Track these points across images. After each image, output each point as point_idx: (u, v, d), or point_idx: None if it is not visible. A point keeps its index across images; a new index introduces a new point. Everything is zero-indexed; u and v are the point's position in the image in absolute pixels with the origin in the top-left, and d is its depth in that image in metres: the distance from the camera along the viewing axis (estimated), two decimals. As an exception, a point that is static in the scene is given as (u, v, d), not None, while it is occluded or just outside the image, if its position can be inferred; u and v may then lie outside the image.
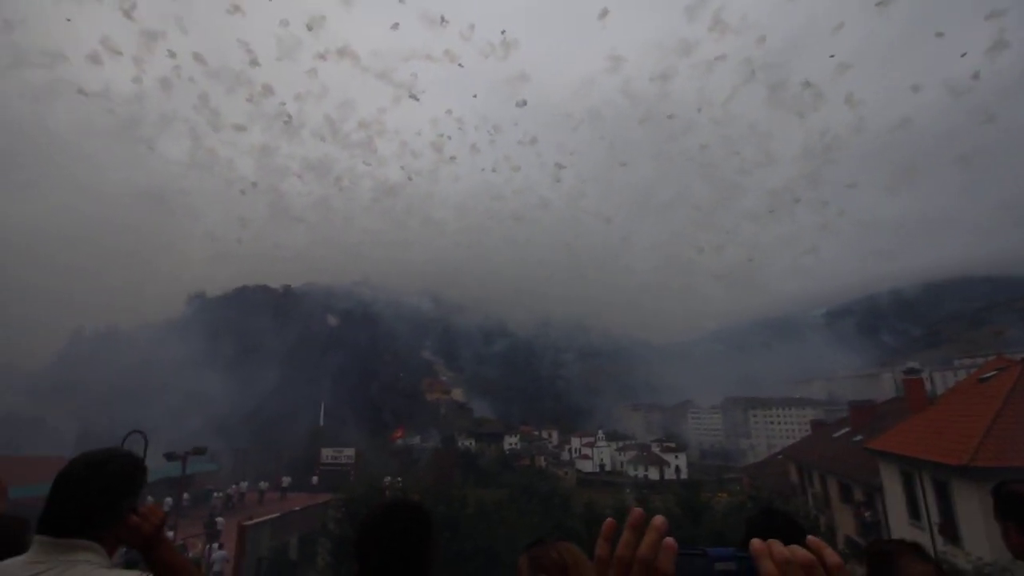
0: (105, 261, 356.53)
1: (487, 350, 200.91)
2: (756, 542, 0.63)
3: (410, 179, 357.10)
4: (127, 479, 1.57)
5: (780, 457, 35.89)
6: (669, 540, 0.63)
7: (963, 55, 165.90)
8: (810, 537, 0.64)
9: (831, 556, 0.60)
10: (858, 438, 25.20)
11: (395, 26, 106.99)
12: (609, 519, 0.69)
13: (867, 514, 21.51)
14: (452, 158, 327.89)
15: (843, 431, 29.00)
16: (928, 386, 24.02)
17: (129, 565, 1.64)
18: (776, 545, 0.61)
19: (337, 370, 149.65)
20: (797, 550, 0.60)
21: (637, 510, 0.66)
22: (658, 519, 0.64)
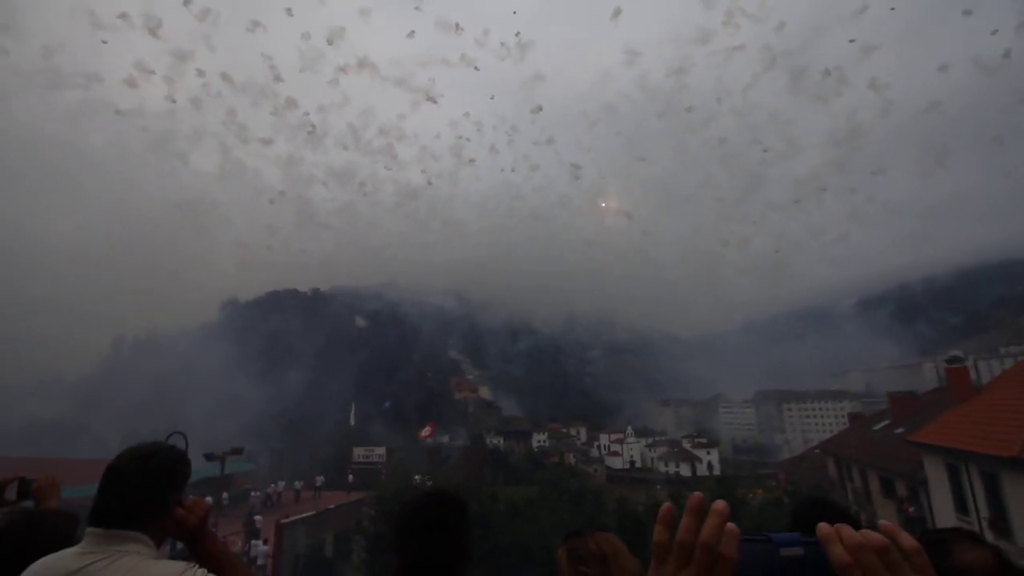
0: (143, 271, 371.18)
1: (513, 348, 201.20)
2: (824, 526, 0.60)
3: (430, 183, 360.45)
4: (172, 472, 1.63)
5: (817, 451, 34.96)
6: (731, 526, 0.61)
7: (993, 32, 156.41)
8: (882, 522, 0.61)
9: (907, 540, 0.57)
10: (900, 430, 24.31)
11: (411, 34, 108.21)
12: (667, 504, 0.67)
13: (911, 509, 20.74)
14: (471, 161, 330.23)
15: (883, 424, 28.02)
16: (973, 375, 22.93)
17: (176, 558, 1.68)
18: (846, 529, 0.59)
19: (366, 370, 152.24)
20: (870, 534, 0.58)
21: (696, 494, 0.64)
22: (719, 503, 0.62)
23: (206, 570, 1.55)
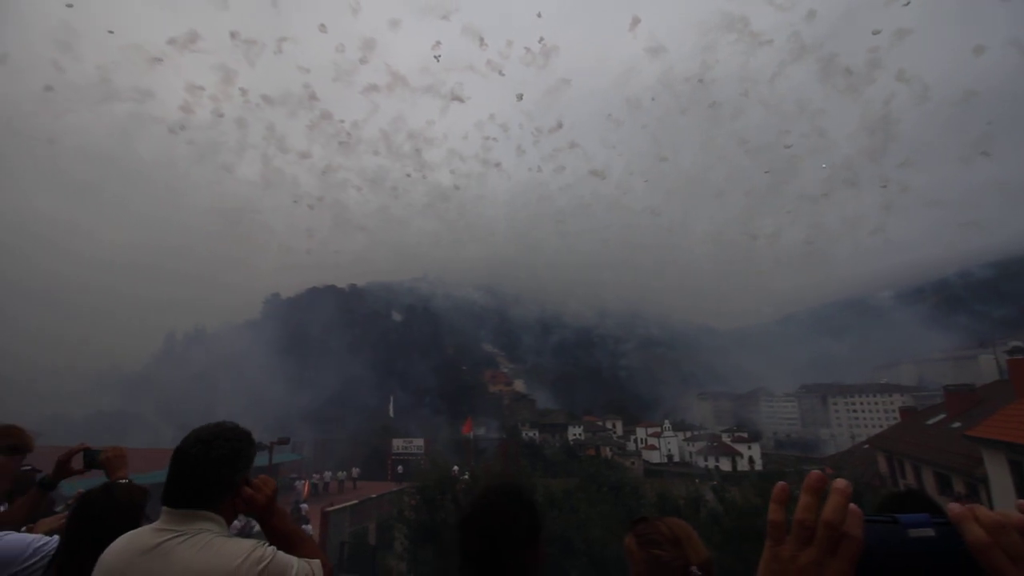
0: (191, 277, 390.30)
1: (546, 342, 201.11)
2: (955, 506, 0.58)
3: (456, 188, 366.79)
4: (237, 453, 1.71)
5: (866, 446, 33.72)
6: (853, 506, 0.59)
7: None
8: (1020, 501, 0.59)
9: None
10: (956, 425, 23.20)
11: (437, 47, 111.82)
12: (781, 483, 0.65)
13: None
14: (497, 165, 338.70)
15: (938, 418, 26.81)
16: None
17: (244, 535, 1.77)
18: (980, 508, 0.56)
19: (402, 363, 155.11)
20: (1010, 512, 0.55)
21: (815, 472, 0.61)
22: (841, 482, 0.60)
23: (275, 547, 1.64)
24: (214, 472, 1.63)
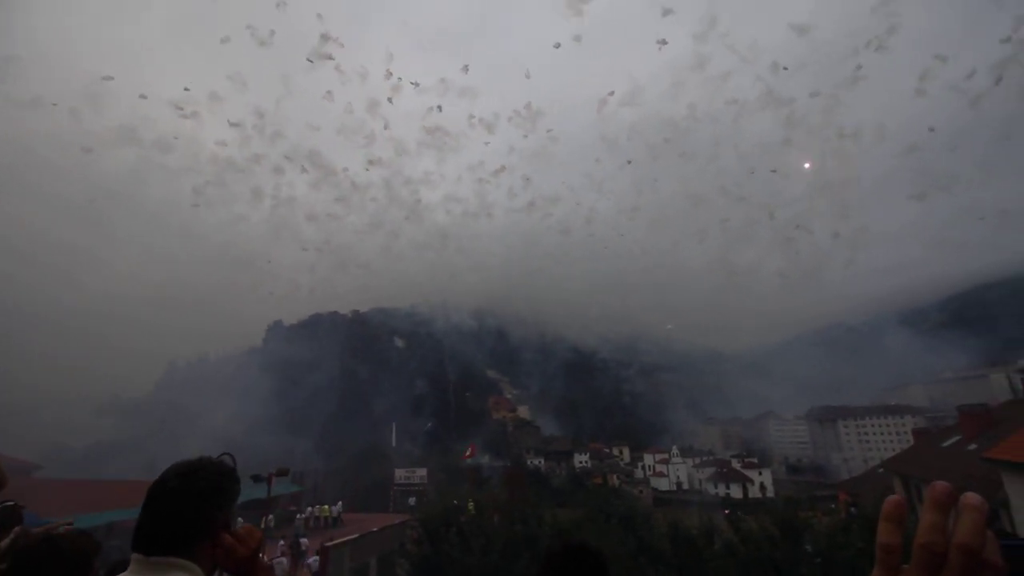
0: (194, 310, 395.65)
1: (549, 367, 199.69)
2: None
3: (446, 237, 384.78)
4: (219, 490, 1.46)
5: (881, 470, 32.86)
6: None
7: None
8: None
9: None
10: (973, 447, 22.58)
11: (438, 108, 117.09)
12: (895, 496, 0.56)
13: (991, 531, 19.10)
14: (488, 215, 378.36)
15: (953, 440, 26.14)
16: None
17: None
18: None
19: (405, 391, 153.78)
20: None
21: (941, 483, 0.52)
22: (974, 497, 0.50)
23: None
24: (193, 509, 1.39)
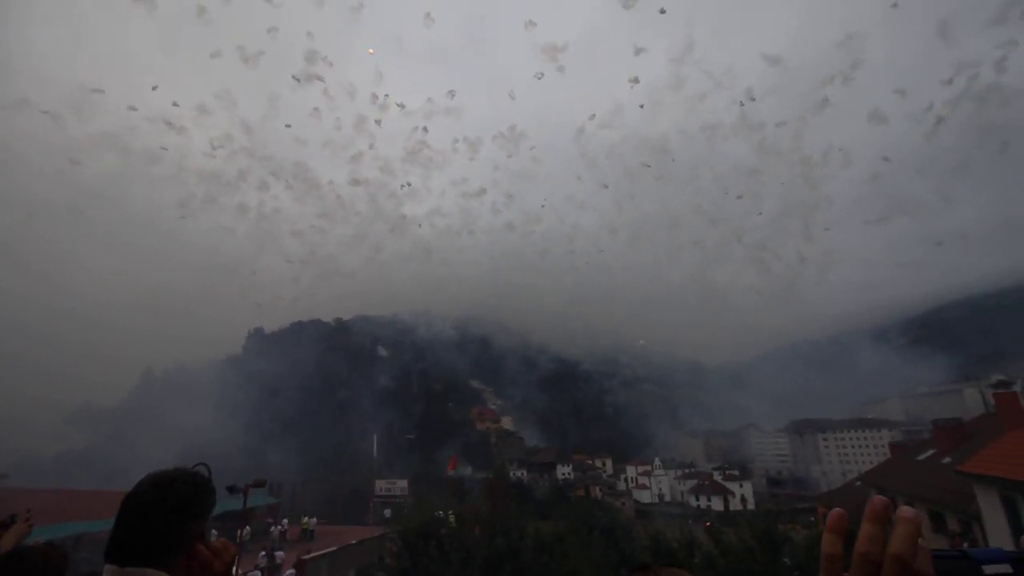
0: (174, 316, 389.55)
1: (533, 378, 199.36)
2: None
3: (429, 253, 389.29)
4: (194, 501, 1.46)
5: (858, 483, 33.33)
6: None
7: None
8: None
9: None
10: (947, 460, 23.06)
11: (424, 129, 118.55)
12: (838, 509, 0.60)
13: (965, 545, 19.46)
14: (470, 232, 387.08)
15: (928, 453, 26.68)
16: (1022, 400, 21.78)
17: None
18: None
19: (387, 401, 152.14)
20: None
21: (879, 498, 0.56)
22: (909, 510, 0.54)
23: None
24: (166, 520, 1.38)
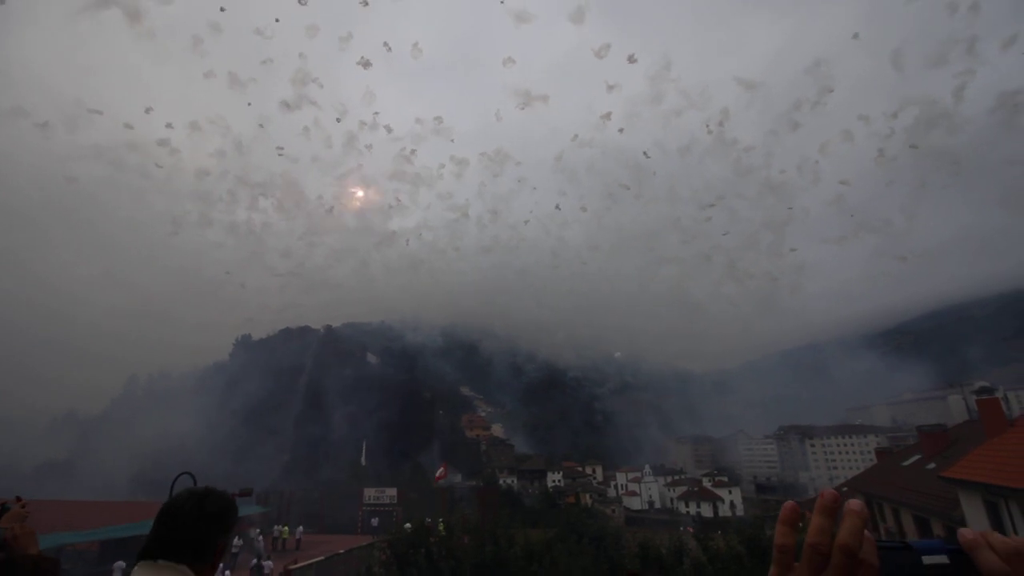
0: (159, 311, 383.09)
1: (523, 385, 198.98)
2: (966, 531, 0.57)
3: (418, 263, 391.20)
4: (223, 515, 1.66)
5: (845, 489, 33.57)
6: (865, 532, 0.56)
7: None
8: None
9: None
10: (931, 466, 23.35)
11: (413, 152, 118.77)
12: (790, 502, 0.62)
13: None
14: (456, 249, 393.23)
15: (914, 459, 26.98)
16: (1004, 407, 22.13)
17: None
18: (994, 535, 0.55)
19: (377, 408, 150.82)
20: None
21: (829, 491, 0.59)
22: (856, 503, 0.57)
23: None
24: (202, 527, 1.59)
